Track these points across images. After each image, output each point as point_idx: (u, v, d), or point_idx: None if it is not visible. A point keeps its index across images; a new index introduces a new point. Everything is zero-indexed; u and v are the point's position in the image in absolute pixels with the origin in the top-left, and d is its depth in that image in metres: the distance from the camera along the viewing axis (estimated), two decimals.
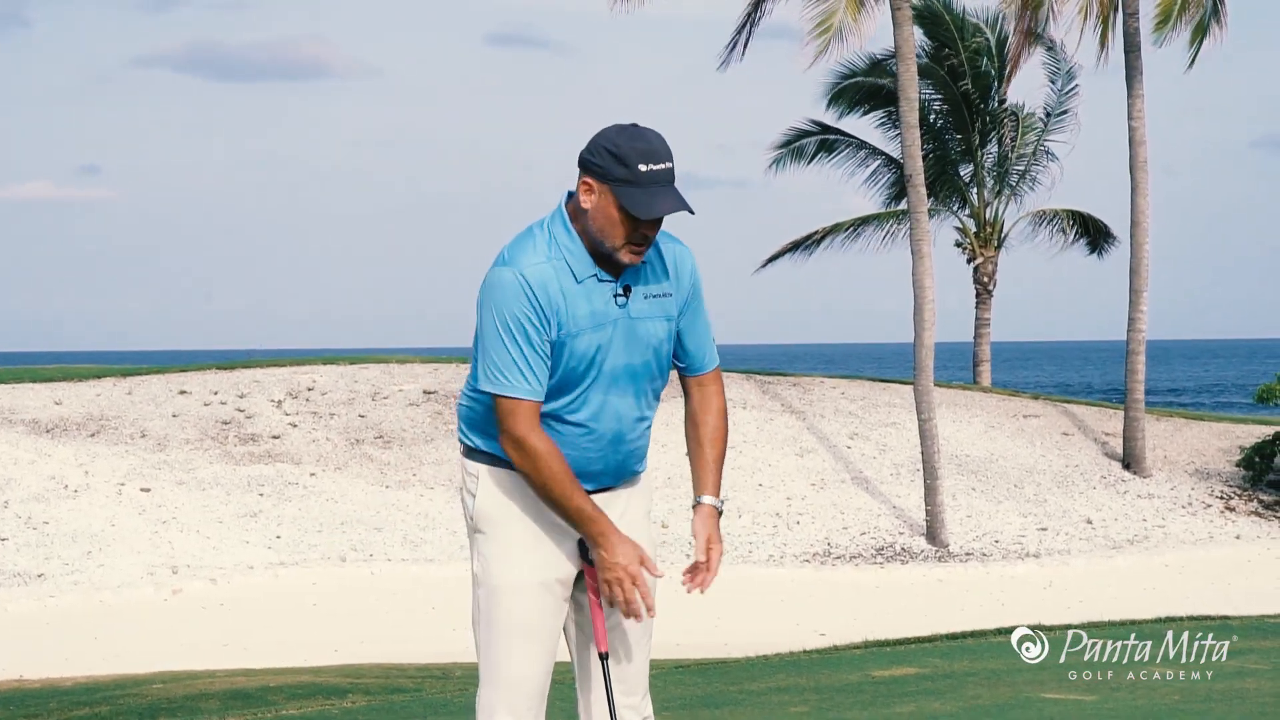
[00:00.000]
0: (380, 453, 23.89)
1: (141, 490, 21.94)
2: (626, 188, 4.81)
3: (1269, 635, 10.13)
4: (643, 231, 4.86)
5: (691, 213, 4.88)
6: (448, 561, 20.77)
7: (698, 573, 5.06)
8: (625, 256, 4.90)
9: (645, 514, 5.23)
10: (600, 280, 4.94)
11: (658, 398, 5.14)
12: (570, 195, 4.96)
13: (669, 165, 4.84)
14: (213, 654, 16.70)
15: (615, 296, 4.96)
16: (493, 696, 5.07)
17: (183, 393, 25.18)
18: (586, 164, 4.88)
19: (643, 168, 4.81)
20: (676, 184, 4.90)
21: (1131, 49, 25.11)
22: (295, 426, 24.38)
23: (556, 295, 4.89)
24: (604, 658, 5.03)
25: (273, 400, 25.16)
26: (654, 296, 5.02)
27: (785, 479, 24.18)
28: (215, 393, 25.22)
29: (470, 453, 5.13)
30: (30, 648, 17.27)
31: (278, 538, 21.12)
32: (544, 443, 4.90)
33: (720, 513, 5.13)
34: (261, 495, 22.23)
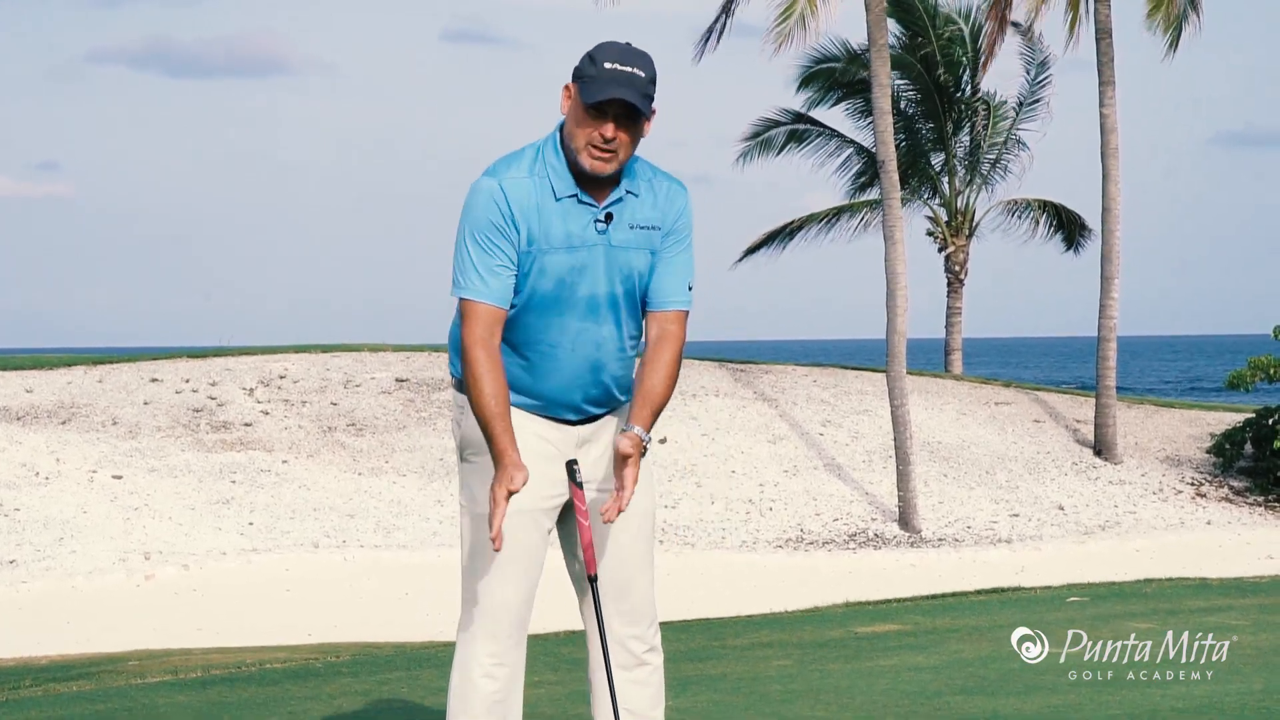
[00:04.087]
0: (353, 440, 23.85)
1: (113, 477, 21.85)
2: (587, 82, 4.90)
3: (1248, 593, 10.20)
4: (601, 133, 4.90)
5: (644, 113, 4.90)
6: (420, 548, 20.74)
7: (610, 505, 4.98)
8: (586, 160, 4.93)
9: None
10: (580, 202, 4.96)
11: (638, 331, 5.14)
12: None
13: (635, 70, 4.90)
14: (186, 638, 16.65)
15: (596, 222, 4.97)
16: (472, 621, 5.10)
17: (154, 381, 25.11)
18: (573, 71, 4.99)
19: (607, 65, 4.90)
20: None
21: (1103, 35, 25.17)
22: (267, 414, 24.32)
23: (531, 209, 4.93)
24: (592, 580, 5.05)
25: (244, 388, 25.10)
26: (639, 228, 5.02)
27: (758, 466, 24.20)
28: (187, 380, 25.14)
29: (460, 384, 5.14)
30: (1, 633, 17.19)
31: (250, 524, 21.06)
32: (488, 358, 4.91)
33: (645, 447, 5.01)
34: (234, 482, 22.17)
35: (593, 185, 4.98)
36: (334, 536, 20.96)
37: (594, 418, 5.11)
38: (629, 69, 4.89)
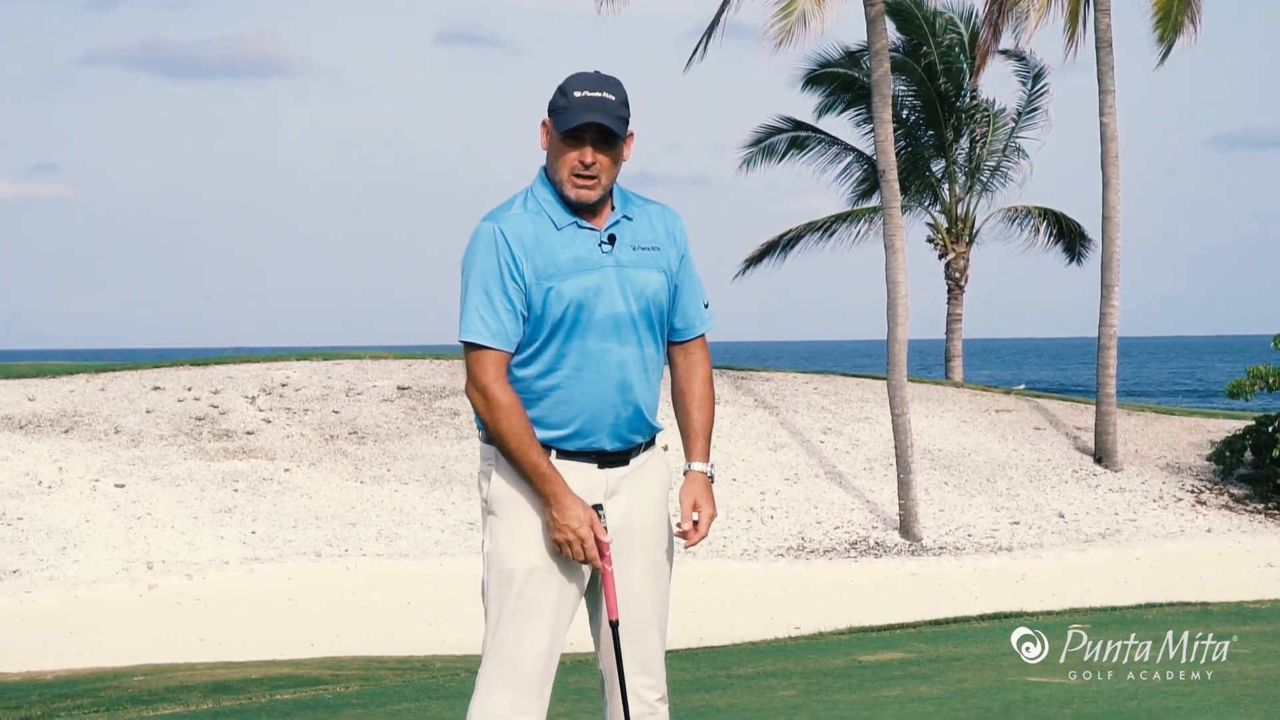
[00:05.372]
0: (354, 448, 23.88)
1: (116, 486, 21.90)
2: (560, 113, 5.01)
3: (1249, 620, 10.23)
4: (581, 159, 5.01)
5: (618, 134, 5.01)
6: (423, 557, 20.78)
7: (687, 536, 5.17)
8: (570, 189, 5.04)
9: (664, 497, 5.29)
10: (581, 228, 5.07)
11: (662, 352, 5.22)
12: None
13: (605, 95, 5.01)
14: (189, 649, 16.69)
15: (600, 245, 5.06)
16: (495, 674, 5.13)
17: (156, 389, 25.15)
18: (547, 107, 5.10)
19: (577, 94, 5.01)
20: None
21: (1103, 45, 25.23)
22: (269, 422, 24.36)
23: (532, 243, 5.02)
24: (614, 625, 5.11)
25: (246, 396, 25.14)
26: (643, 249, 5.14)
27: (759, 474, 24.25)
28: (189, 389, 25.18)
29: (488, 438, 5.20)
30: (5, 643, 17.23)
31: (253, 533, 21.10)
32: (507, 395, 5.01)
33: (711, 479, 5.20)
34: (236, 491, 22.21)
35: (588, 213, 5.09)
36: (336, 545, 21.00)
37: (628, 453, 5.16)
38: (598, 94, 5.01)
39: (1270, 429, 24.50)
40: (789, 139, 33.50)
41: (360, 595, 19.65)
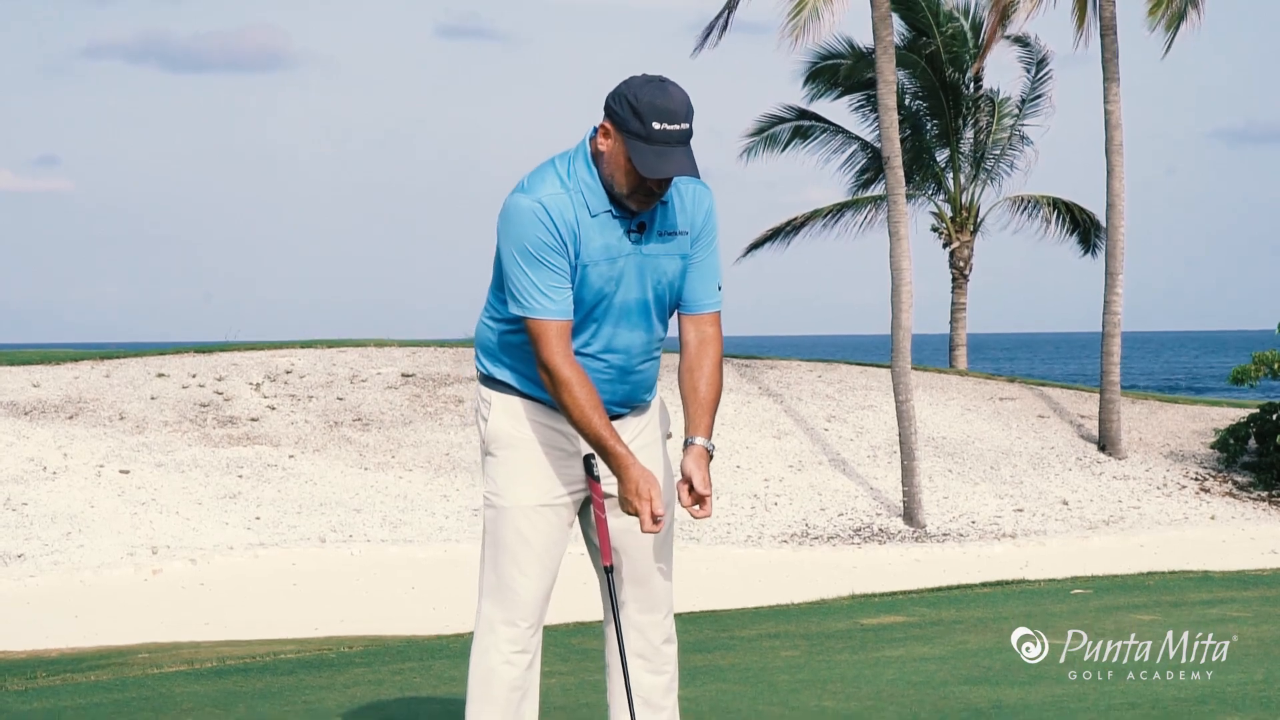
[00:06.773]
0: (359, 435, 23.93)
1: (120, 472, 21.94)
2: (638, 143, 4.91)
3: (1250, 586, 10.28)
4: (649, 186, 4.97)
5: (696, 177, 4.98)
6: (427, 542, 20.82)
7: (699, 503, 5.11)
8: (634, 203, 5.02)
9: (659, 439, 5.33)
10: (614, 216, 5.04)
11: (665, 332, 5.25)
12: (596, 131, 5.06)
13: (684, 127, 4.94)
14: (194, 632, 16.71)
15: (629, 233, 5.06)
16: (493, 611, 5.19)
17: (161, 375, 25.19)
18: (609, 109, 4.99)
19: (657, 126, 4.90)
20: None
21: (1108, 32, 25.24)
22: (274, 409, 24.41)
23: (572, 223, 5.00)
24: (608, 570, 5.17)
25: (251, 383, 25.18)
26: (668, 235, 5.12)
27: (763, 461, 24.28)
28: (193, 375, 25.23)
29: (485, 379, 5.24)
30: (10, 626, 17.25)
31: (257, 519, 21.14)
32: (568, 369, 5.01)
33: (710, 456, 5.15)
34: (240, 477, 22.25)
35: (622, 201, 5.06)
36: (340, 531, 21.05)
37: (616, 417, 5.21)
38: (678, 126, 4.92)
39: (1274, 416, 24.52)
40: (792, 128, 33.46)
41: (364, 581, 19.69)
